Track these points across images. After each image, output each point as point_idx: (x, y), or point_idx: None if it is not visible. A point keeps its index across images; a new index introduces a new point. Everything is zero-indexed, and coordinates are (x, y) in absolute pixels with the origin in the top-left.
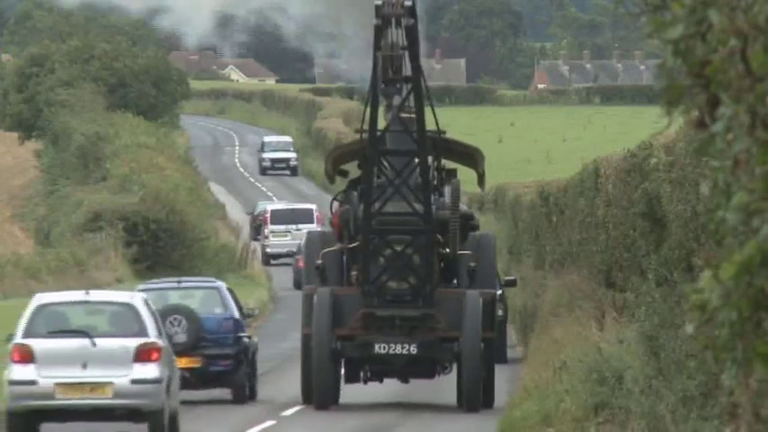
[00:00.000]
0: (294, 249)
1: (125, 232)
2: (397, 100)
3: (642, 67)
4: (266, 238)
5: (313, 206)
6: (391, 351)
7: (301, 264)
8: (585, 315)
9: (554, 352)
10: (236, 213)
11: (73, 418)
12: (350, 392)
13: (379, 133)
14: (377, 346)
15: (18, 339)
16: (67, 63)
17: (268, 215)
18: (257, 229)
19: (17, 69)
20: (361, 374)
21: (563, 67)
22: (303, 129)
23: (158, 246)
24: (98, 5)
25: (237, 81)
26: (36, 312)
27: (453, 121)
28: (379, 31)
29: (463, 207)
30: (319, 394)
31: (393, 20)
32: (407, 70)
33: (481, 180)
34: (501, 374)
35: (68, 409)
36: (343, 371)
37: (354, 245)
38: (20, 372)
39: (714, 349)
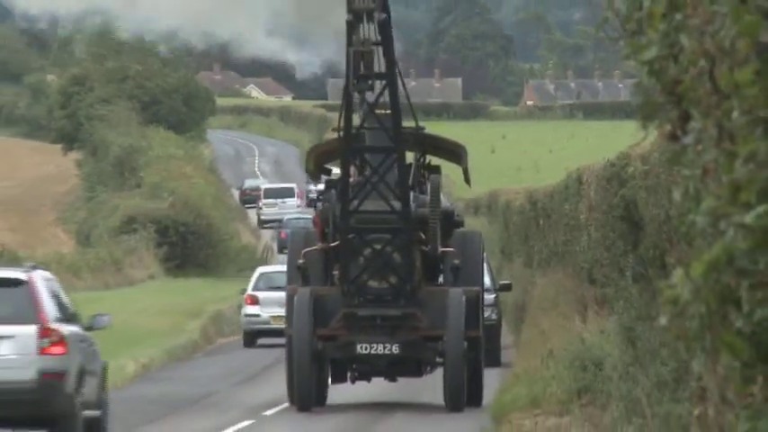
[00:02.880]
0: (279, 218)
1: (157, 234)
2: (369, 96)
3: (621, 86)
4: (260, 208)
5: (293, 185)
6: (373, 351)
7: (284, 235)
8: (570, 309)
9: (541, 342)
10: (256, 217)
11: (278, 336)
12: (342, 392)
13: (355, 131)
14: (359, 347)
15: (249, 291)
16: (105, 82)
17: (261, 192)
18: (245, 200)
19: (60, 88)
20: (348, 374)
21: (549, 85)
22: (315, 140)
23: (186, 246)
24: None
25: (257, 98)
26: (259, 277)
27: (451, 134)
28: (351, 27)
29: (445, 204)
30: (300, 396)
31: (365, 15)
32: (382, 67)
33: (466, 175)
34: (494, 376)
35: (276, 330)
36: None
37: (335, 244)
38: (250, 310)
39: (685, 339)
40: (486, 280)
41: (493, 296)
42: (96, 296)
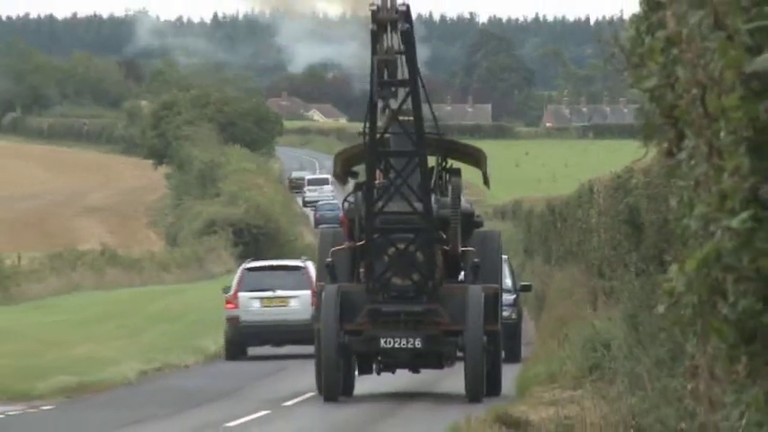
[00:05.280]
0: (318, 200)
1: (233, 235)
2: (393, 103)
3: (625, 110)
4: (305, 193)
5: (329, 176)
6: (397, 345)
7: (317, 216)
8: (582, 299)
9: (558, 327)
10: (301, 199)
11: None
12: (369, 382)
13: (378, 136)
14: (383, 341)
15: None
16: (190, 107)
17: (305, 181)
18: (292, 187)
19: (152, 112)
20: (374, 366)
21: (565, 110)
22: None
23: (258, 245)
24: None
25: (318, 121)
26: None
27: None
28: (376, 36)
29: (465, 205)
30: (327, 387)
31: (388, 24)
32: (405, 74)
33: (485, 179)
34: (514, 370)
35: None
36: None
37: (361, 243)
38: None
39: (680, 324)
40: (508, 281)
41: (513, 296)
42: (182, 287)
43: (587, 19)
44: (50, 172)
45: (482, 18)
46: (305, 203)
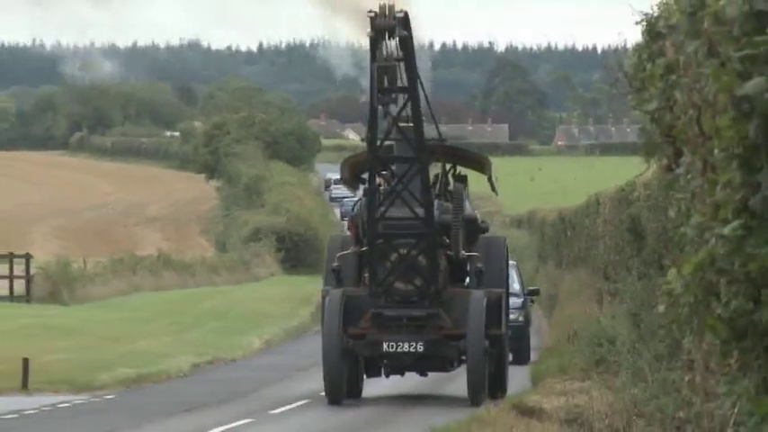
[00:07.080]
0: (343, 196)
1: (276, 242)
2: (393, 109)
3: (629, 130)
4: (332, 191)
5: None
6: (399, 349)
7: (343, 210)
8: (589, 299)
9: (568, 324)
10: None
11: None
12: (380, 385)
13: (379, 142)
14: (385, 345)
15: None
16: (238, 127)
17: (332, 181)
18: (326, 186)
19: (204, 132)
20: (382, 369)
21: (574, 129)
22: None
23: (299, 251)
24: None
25: (353, 140)
26: None
27: (500, 167)
28: (374, 43)
29: (468, 210)
30: (330, 390)
31: (387, 32)
32: (405, 81)
33: (491, 185)
34: (522, 372)
35: None
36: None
37: (366, 248)
38: None
39: (678, 322)
40: (516, 286)
41: (520, 300)
42: (231, 288)
43: (594, 48)
44: (114, 185)
45: (500, 47)
46: (331, 199)
